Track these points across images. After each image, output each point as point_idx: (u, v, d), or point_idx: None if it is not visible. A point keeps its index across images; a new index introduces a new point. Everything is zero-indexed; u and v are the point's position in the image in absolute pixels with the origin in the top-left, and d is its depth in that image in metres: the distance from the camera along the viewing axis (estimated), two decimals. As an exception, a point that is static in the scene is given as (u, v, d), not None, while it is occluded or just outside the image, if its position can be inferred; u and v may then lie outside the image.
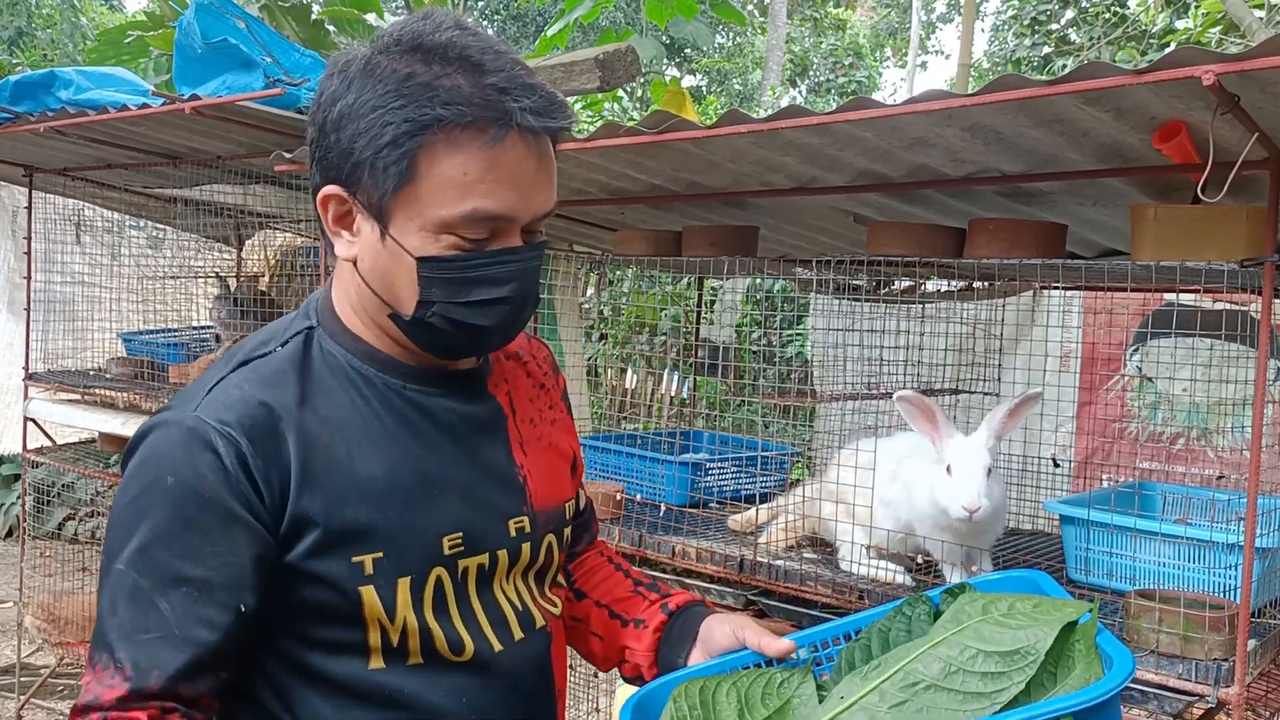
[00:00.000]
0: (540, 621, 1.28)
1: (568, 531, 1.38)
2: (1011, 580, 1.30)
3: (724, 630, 1.31)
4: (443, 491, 1.19)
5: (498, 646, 1.22)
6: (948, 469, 2.09)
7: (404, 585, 1.15)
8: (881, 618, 1.25)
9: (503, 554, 1.24)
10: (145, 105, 2.98)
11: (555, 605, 1.34)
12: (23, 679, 4.39)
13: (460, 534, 1.20)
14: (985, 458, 2.09)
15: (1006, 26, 12.51)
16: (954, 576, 2.22)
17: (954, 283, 2.88)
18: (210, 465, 1.08)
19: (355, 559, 1.13)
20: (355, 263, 1.17)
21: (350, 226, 1.17)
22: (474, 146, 1.08)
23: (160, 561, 1.07)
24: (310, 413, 1.14)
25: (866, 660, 1.20)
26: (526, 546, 1.27)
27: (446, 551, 1.19)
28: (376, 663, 1.15)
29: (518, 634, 1.25)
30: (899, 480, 2.30)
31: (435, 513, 1.18)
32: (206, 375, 1.18)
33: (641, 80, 14.51)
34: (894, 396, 2.14)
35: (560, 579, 1.39)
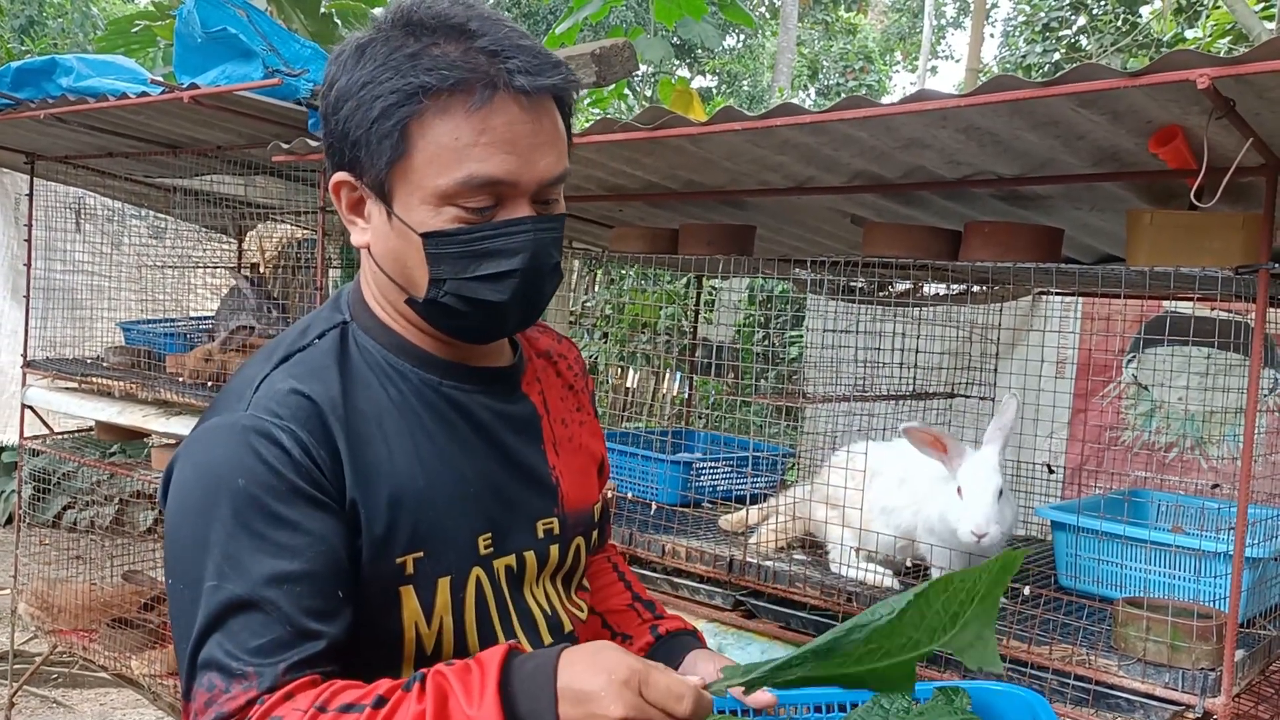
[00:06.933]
0: (568, 626, 1.26)
1: (595, 534, 1.36)
2: (1008, 696, 1.20)
3: (708, 669, 1.26)
4: (475, 490, 1.17)
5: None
6: (958, 490, 2.07)
7: (444, 586, 1.13)
8: (861, 707, 1.17)
9: (530, 555, 1.22)
10: (144, 94, 2.98)
11: (581, 610, 1.32)
12: (16, 666, 4.39)
13: (490, 534, 1.17)
14: (997, 479, 2.05)
15: (1018, 32, 12.47)
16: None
17: (952, 286, 2.87)
18: (278, 457, 1.04)
19: (399, 559, 1.10)
20: (370, 249, 1.15)
21: (362, 213, 1.15)
22: (463, 111, 1.05)
23: (254, 565, 1.01)
24: (352, 408, 1.11)
25: None
26: (554, 549, 1.25)
27: (482, 551, 1.16)
28: (408, 672, 1.10)
29: (546, 639, 1.21)
30: (906, 487, 2.28)
31: (470, 511, 1.16)
32: (247, 373, 1.14)
33: (652, 80, 14.50)
34: (901, 429, 2.13)
35: (585, 582, 1.37)
